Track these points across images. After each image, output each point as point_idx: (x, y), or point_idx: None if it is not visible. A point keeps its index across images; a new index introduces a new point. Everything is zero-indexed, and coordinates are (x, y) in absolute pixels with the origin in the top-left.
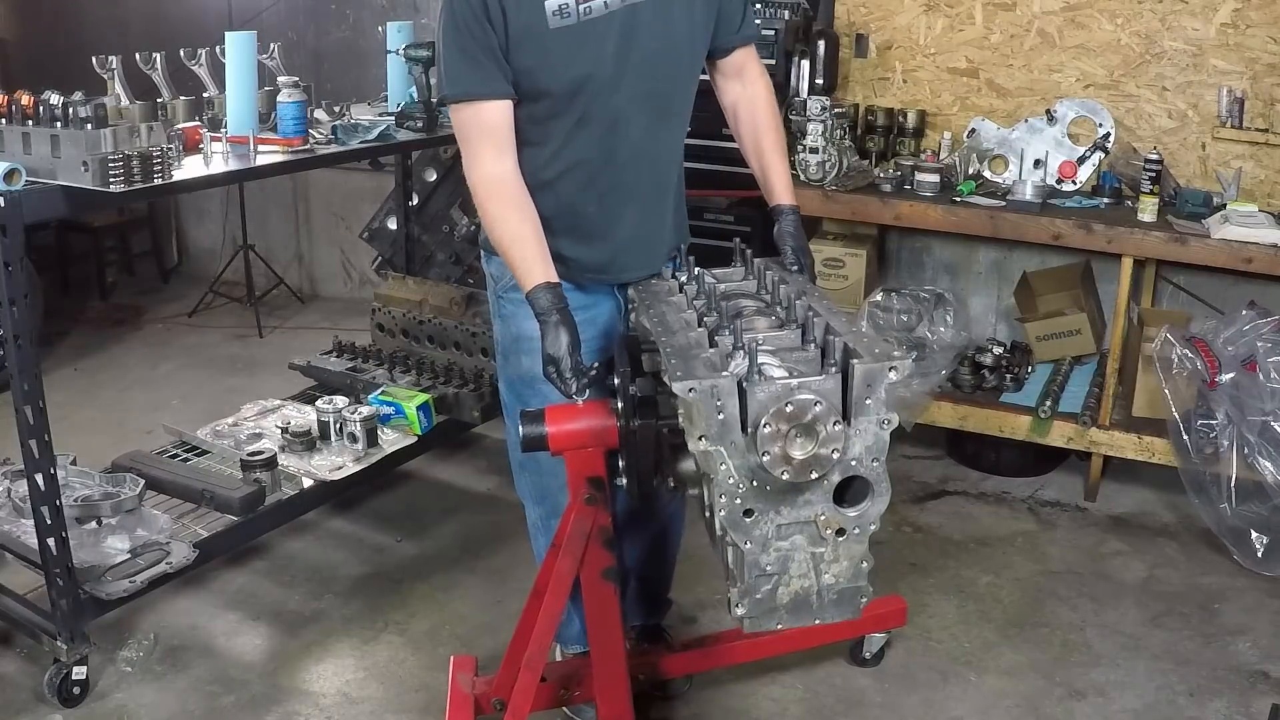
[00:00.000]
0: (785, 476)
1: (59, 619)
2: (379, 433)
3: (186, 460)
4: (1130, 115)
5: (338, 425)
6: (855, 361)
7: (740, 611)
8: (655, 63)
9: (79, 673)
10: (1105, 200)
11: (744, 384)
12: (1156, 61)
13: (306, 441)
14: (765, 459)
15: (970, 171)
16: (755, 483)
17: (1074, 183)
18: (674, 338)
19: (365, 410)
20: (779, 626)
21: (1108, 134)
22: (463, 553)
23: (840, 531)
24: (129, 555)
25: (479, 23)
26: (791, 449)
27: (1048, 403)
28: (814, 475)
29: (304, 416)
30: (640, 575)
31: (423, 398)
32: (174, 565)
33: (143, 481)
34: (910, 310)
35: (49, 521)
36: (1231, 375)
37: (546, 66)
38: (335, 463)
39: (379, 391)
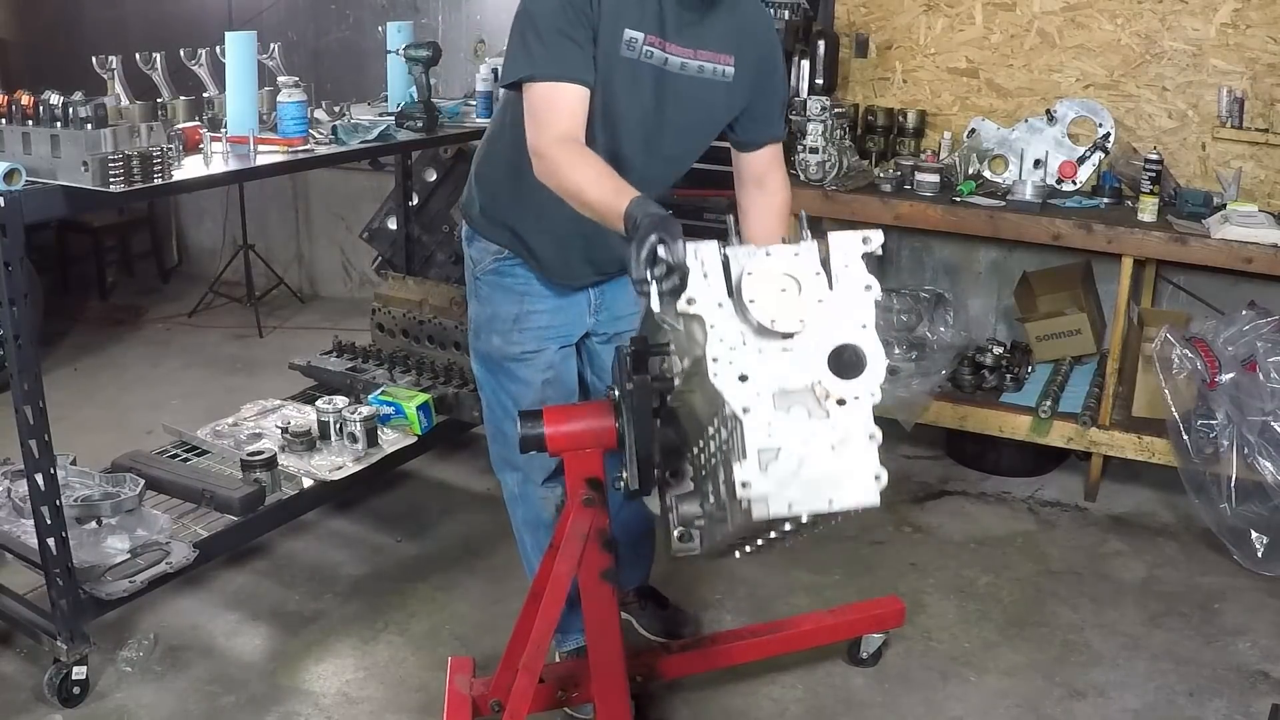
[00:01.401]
0: (773, 323)
1: (59, 619)
2: (379, 433)
3: (186, 460)
4: (1130, 115)
5: (338, 425)
6: (829, 232)
7: (748, 492)
8: (684, 129)
9: (79, 673)
10: (1105, 200)
11: (725, 252)
12: (1156, 61)
13: (306, 441)
14: (751, 305)
15: (970, 171)
16: (746, 343)
17: (1074, 183)
18: None
19: (365, 410)
20: (790, 510)
21: (1108, 134)
22: (463, 553)
23: (841, 401)
24: (129, 555)
25: (584, 10)
26: (776, 294)
27: (1048, 403)
28: (801, 322)
29: (304, 416)
30: (628, 539)
31: (423, 398)
32: (174, 565)
33: (143, 481)
34: (910, 310)
35: (49, 521)
36: (1231, 375)
37: (605, 85)
38: (335, 463)
39: (379, 391)
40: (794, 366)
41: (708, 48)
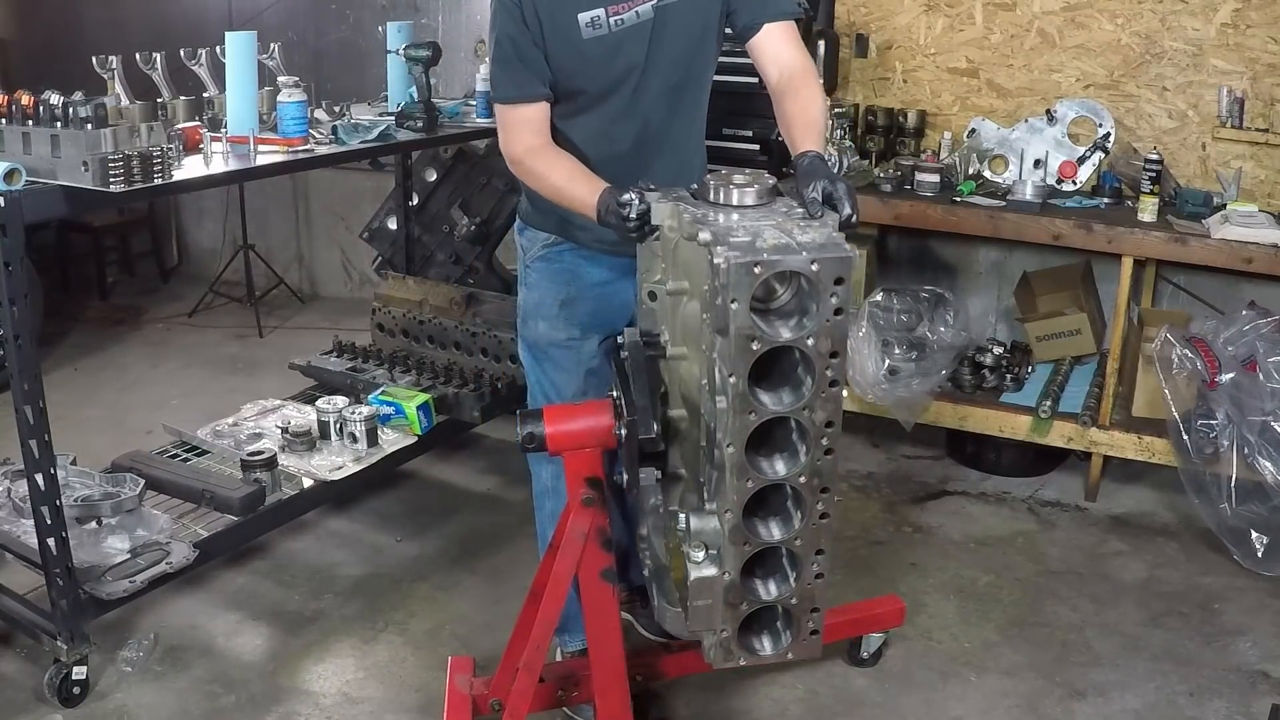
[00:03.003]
0: (731, 190)
1: (59, 619)
2: (379, 433)
3: (186, 460)
4: (1130, 115)
5: (338, 425)
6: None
7: (722, 249)
8: (679, 59)
9: (79, 673)
10: (1105, 200)
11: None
12: (1156, 61)
13: (306, 441)
14: (713, 187)
15: (970, 171)
16: (717, 215)
17: (1074, 183)
18: None
19: (365, 410)
20: (766, 258)
21: (1108, 134)
22: (463, 553)
23: (804, 226)
24: (129, 555)
25: (518, 28)
26: (733, 180)
27: (1048, 403)
28: (756, 188)
29: (304, 416)
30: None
31: (423, 398)
32: (174, 565)
33: (143, 481)
34: (910, 310)
35: (49, 521)
36: (1231, 375)
37: (581, 71)
38: (335, 463)
39: (379, 391)
40: (756, 215)
41: None
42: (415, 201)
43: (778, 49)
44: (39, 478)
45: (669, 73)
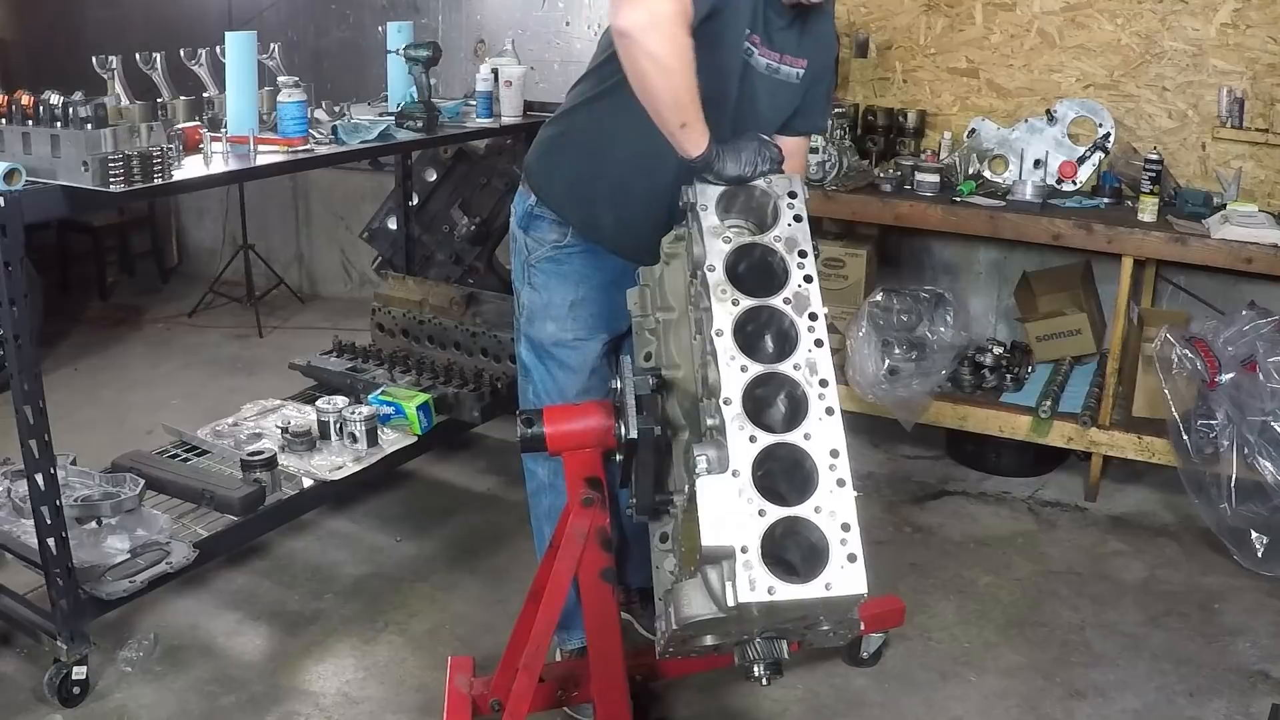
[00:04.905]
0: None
1: (59, 619)
2: (379, 433)
3: (186, 460)
4: (1130, 115)
5: (338, 425)
6: None
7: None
8: (753, 124)
9: (79, 673)
10: (1105, 200)
11: None
12: (1156, 61)
13: (306, 441)
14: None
15: (970, 171)
16: None
17: (1074, 183)
18: None
19: (365, 410)
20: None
21: (1108, 134)
22: (463, 553)
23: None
24: (129, 555)
25: None
26: None
27: (1048, 403)
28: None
29: (304, 416)
30: (635, 538)
31: (423, 398)
32: (174, 565)
33: (143, 481)
34: (910, 310)
35: (49, 521)
36: (1231, 375)
37: (710, 57)
38: (335, 463)
39: (379, 391)
40: None
41: (790, 53)
42: (415, 201)
43: (789, 156)
44: (39, 478)
45: (741, 127)
